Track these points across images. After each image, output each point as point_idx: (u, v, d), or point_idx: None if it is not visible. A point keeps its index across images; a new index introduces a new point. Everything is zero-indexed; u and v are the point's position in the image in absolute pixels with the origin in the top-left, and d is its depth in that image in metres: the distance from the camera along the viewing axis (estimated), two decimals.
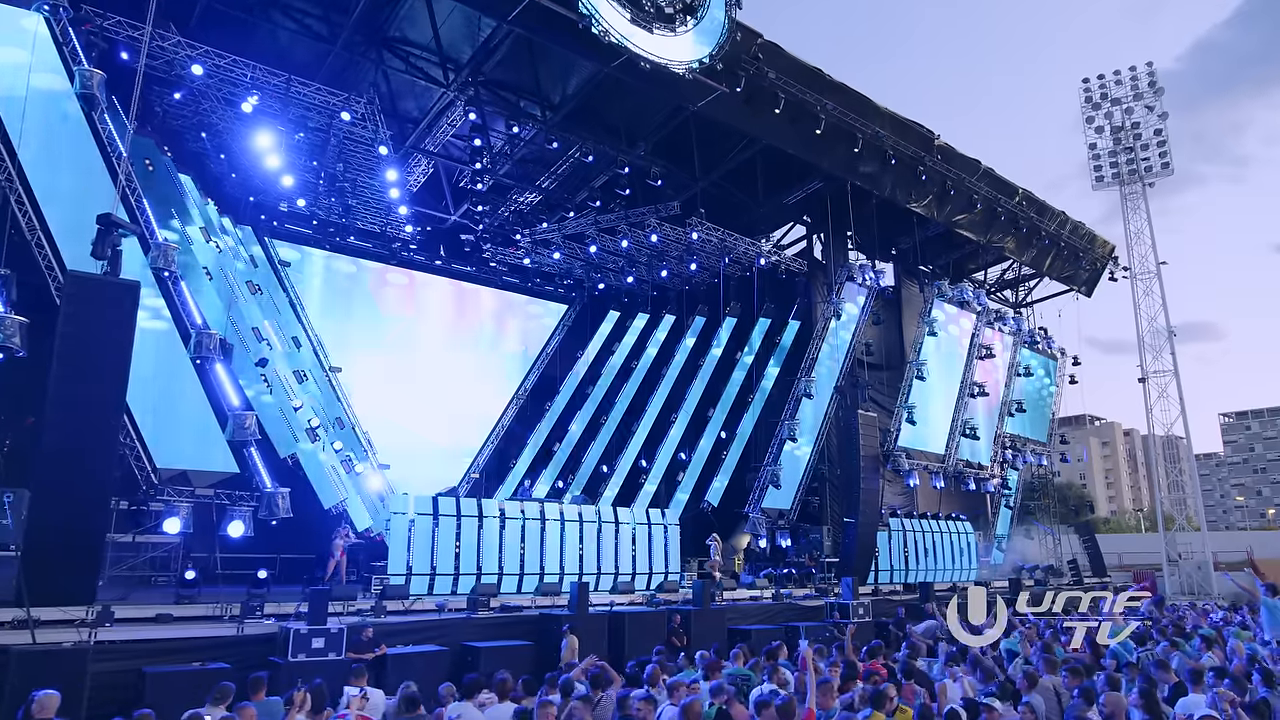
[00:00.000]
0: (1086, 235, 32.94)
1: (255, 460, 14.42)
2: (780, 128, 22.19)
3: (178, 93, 16.65)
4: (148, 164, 15.60)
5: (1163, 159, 38.12)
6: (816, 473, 24.60)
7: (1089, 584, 28.58)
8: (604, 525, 19.20)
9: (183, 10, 16.88)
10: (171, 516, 13.56)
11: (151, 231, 13.90)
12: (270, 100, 17.24)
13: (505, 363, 27.43)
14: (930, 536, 25.77)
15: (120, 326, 12.22)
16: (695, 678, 9.33)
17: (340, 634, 11.69)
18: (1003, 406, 30.78)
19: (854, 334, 26.20)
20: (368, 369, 24.37)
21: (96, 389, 11.88)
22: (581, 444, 25.50)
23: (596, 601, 16.36)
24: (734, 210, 26.39)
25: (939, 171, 25.88)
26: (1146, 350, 36.48)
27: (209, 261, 16.34)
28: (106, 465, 11.95)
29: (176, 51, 16.01)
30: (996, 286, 35.65)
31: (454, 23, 19.20)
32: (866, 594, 21.07)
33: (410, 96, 22.42)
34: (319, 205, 21.63)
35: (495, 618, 14.42)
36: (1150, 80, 38.75)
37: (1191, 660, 8.93)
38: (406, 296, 25.72)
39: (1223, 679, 7.05)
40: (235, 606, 12.49)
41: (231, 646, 11.55)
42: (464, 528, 16.96)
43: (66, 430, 11.49)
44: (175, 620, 12.13)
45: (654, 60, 18.40)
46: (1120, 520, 78.91)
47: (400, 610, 14.21)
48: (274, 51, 18.48)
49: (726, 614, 17.39)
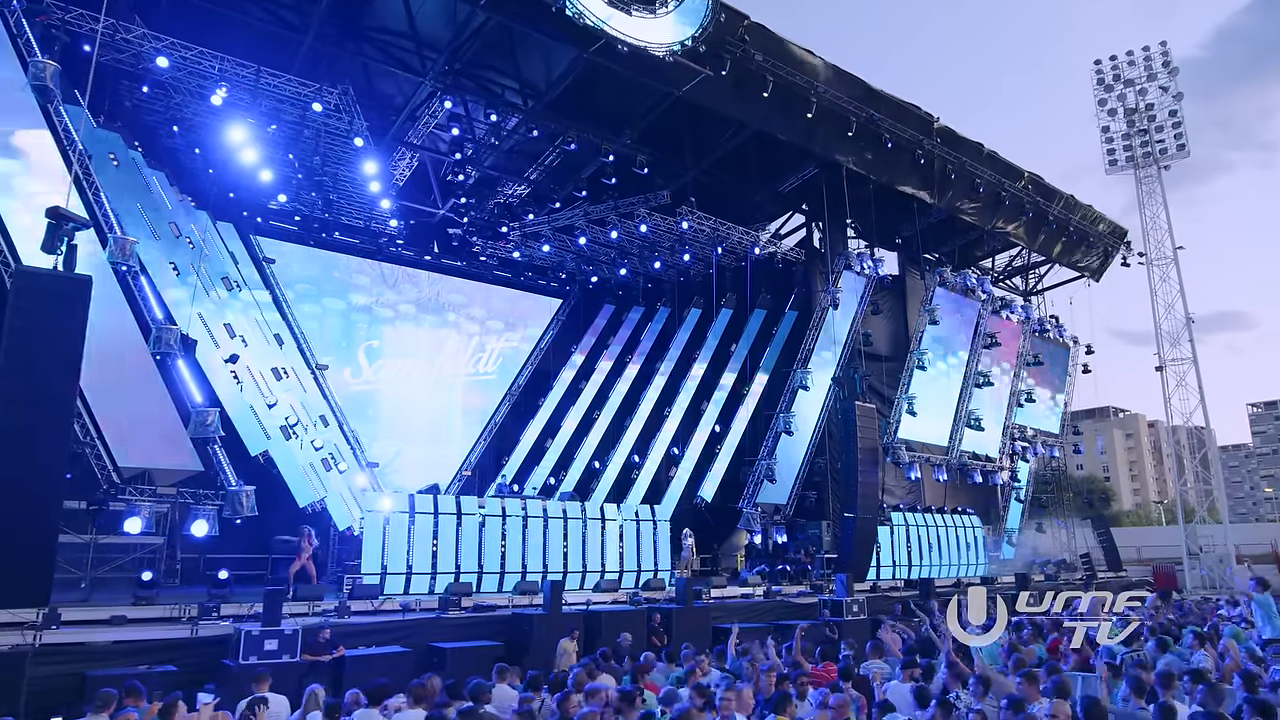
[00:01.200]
0: (1096, 219, 31.94)
1: (220, 458, 14.07)
2: (770, 112, 21.58)
3: (145, 86, 16.35)
4: (112, 159, 15.31)
5: (1178, 141, 37.07)
6: (815, 466, 23.96)
7: (1103, 578, 27.71)
8: (589, 522, 18.77)
9: (151, 2, 16.60)
10: (132, 516, 13.24)
11: (110, 226, 13.57)
12: (240, 92, 16.91)
13: (499, 359, 27.02)
14: (935, 531, 25.06)
15: (71, 321, 11.91)
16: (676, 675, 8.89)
17: (295, 635, 11.33)
18: (1011, 397, 29.92)
19: (853, 324, 25.54)
20: (357, 366, 24.11)
21: (45, 385, 11.53)
22: (575, 440, 25.03)
23: (577, 600, 15.95)
24: (728, 199, 25.80)
25: (939, 155, 25.11)
26: (1164, 338, 35.56)
27: (178, 257, 16.03)
28: (57, 464, 11.61)
29: (141, 44, 15.72)
30: (1005, 274, 34.73)
31: (431, 10, 18.80)
32: (864, 591, 20.48)
33: (394, 87, 22.05)
34: (301, 200, 21.31)
35: (466, 618, 14.02)
36: (1164, 60, 37.66)
37: (1170, 662, 8.30)
38: (395, 292, 25.38)
39: (1199, 683, 6.44)
40: (194, 608, 12.18)
41: (183, 649, 11.23)
42: (441, 526, 16.61)
43: (13, 428, 11.19)
44: (130, 622, 11.85)
45: (632, 43, 17.89)
46: (1143, 513, 77.19)
47: (369, 611, 13.87)
48: (252, 43, 18.13)
49: (712, 612, 16.92)
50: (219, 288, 17.18)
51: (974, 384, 27.15)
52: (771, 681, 6.68)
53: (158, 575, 14.95)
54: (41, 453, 11.46)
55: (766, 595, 18.40)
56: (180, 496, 13.78)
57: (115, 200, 14.87)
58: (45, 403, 11.50)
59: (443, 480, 24.18)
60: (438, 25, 19.06)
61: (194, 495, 14.02)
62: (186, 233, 17.29)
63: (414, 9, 18.70)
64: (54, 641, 10.63)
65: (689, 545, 20.42)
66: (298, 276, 23.23)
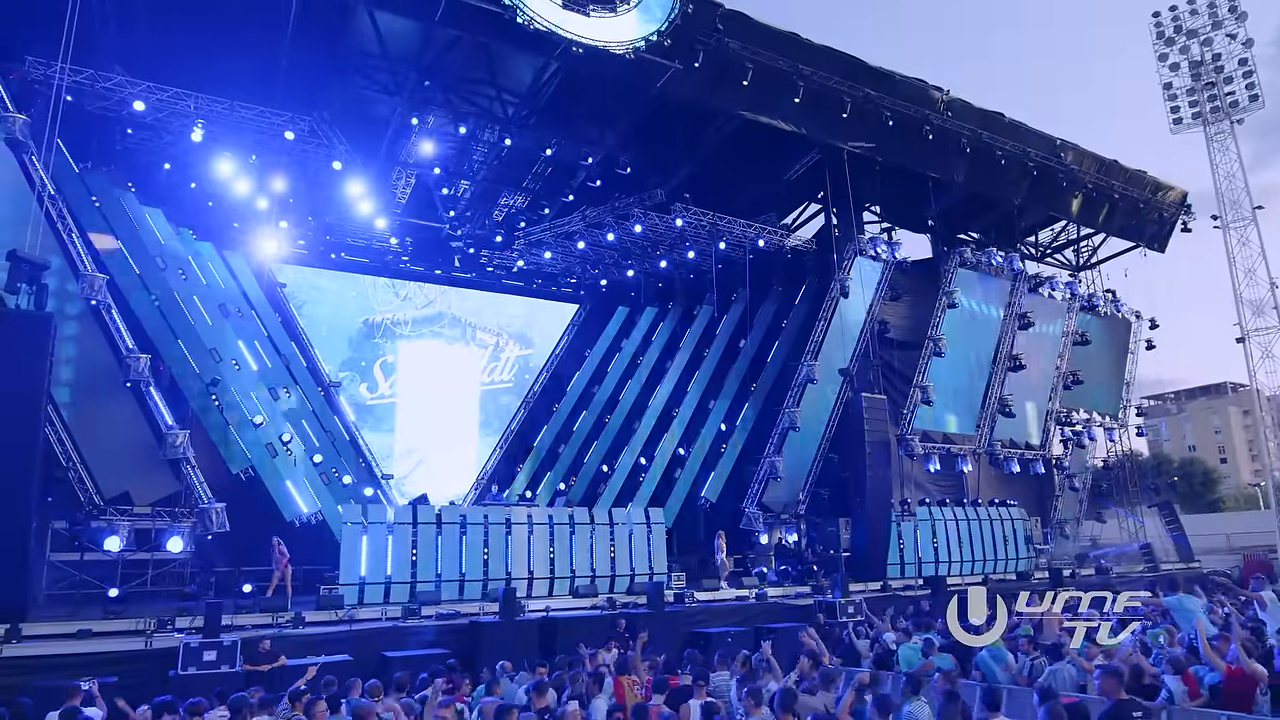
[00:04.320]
0: (1150, 185, 29.60)
1: (194, 477, 14.79)
2: (754, 100, 21.01)
3: (129, 129, 17.37)
4: (94, 201, 16.33)
5: (1250, 91, 34.00)
6: (828, 462, 23.12)
7: (1166, 570, 25.63)
8: (578, 527, 18.71)
9: (132, 48, 17.55)
10: (111, 535, 14.07)
11: (81, 264, 14.49)
12: (219, 127, 17.73)
13: (514, 367, 27.38)
14: (966, 525, 23.79)
15: (34, 355, 12.84)
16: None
17: (234, 646, 11.76)
18: (1057, 379, 28.06)
19: (868, 312, 24.51)
20: (374, 381, 24.94)
21: (14, 415, 12.50)
22: (586, 445, 25.05)
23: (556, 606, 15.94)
24: (732, 192, 25.27)
25: (949, 130, 23.84)
26: (1246, 306, 32.68)
27: (164, 289, 16.94)
28: (25, 488, 12.52)
29: (121, 90, 16.71)
30: (1052, 249, 32.62)
31: (399, 30, 19.15)
32: (874, 590, 19.64)
33: (388, 108, 22.61)
34: (301, 224, 22.13)
35: (422, 625, 14.19)
36: (1230, 5, 34.62)
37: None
38: (409, 306, 26.09)
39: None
40: (154, 621, 12.81)
41: (134, 661, 11.85)
42: (421, 535, 16.92)
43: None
44: (95, 635, 12.55)
45: (588, 44, 17.77)
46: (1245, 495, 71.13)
47: (331, 620, 14.21)
48: (239, 76, 18.90)
49: (694, 616, 16.59)
50: (207, 315, 18.04)
51: (1006, 368, 25.57)
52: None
53: (193, 588, 15.91)
54: (9, 480, 12.40)
55: (759, 599, 17.86)
56: (157, 515, 14.55)
57: (96, 239, 15.85)
58: (11, 433, 12.42)
59: (461, 490, 24.70)
60: (406, 45, 19.44)
61: (170, 514, 14.79)
62: (180, 265, 18.24)
63: (383, 31, 19.11)
64: (14, 655, 11.38)
65: (720, 546, 19.89)
66: (312, 297, 24.24)
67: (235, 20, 17.45)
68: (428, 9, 17.03)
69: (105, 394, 14.69)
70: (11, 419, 12.35)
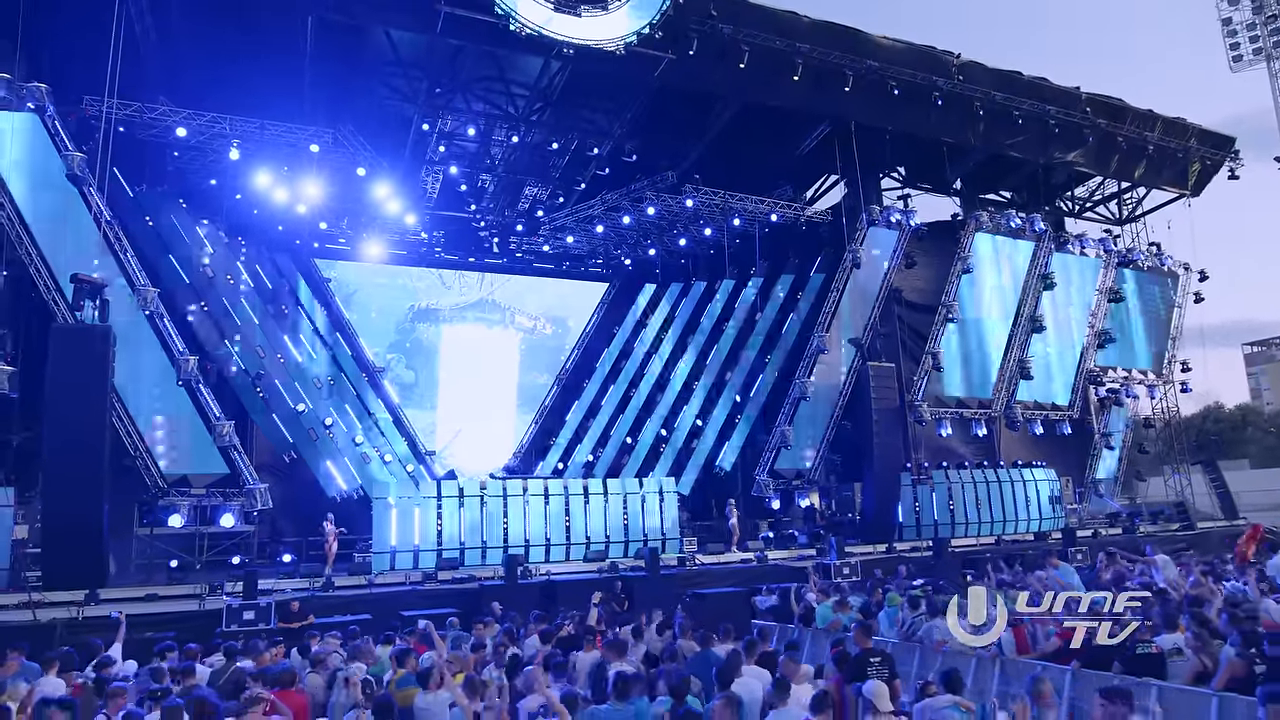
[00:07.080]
0: (1193, 133, 28.50)
1: (240, 461, 16.91)
2: (752, 81, 21.57)
3: (176, 151, 19.44)
4: (148, 220, 18.48)
5: None
6: (841, 429, 23.81)
7: (1202, 529, 25.36)
8: (592, 497, 20.17)
9: (174, 79, 19.55)
10: (174, 513, 16.34)
11: (136, 279, 16.63)
12: (252, 144, 19.59)
13: (549, 346, 28.94)
14: (987, 488, 24.15)
15: (97, 362, 15.02)
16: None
17: (269, 607, 13.74)
18: (1091, 337, 27.70)
19: (884, 279, 24.87)
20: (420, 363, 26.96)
21: (82, 415, 14.74)
22: (614, 419, 26.44)
23: (559, 571, 17.48)
24: (745, 169, 25.80)
25: (960, 94, 23.73)
26: None
27: (210, 295, 19.09)
28: (96, 474, 14.78)
29: (165, 119, 18.73)
30: (1091, 203, 31.78)
31: (409, 40, 20.54)
32: (880, 553, 20.41)
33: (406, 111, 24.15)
34: (341, 224, 24.05)
35: (438, 589, 15.95)
36: None
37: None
38: (451, 292, 27.93)
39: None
40: (206, 586, 14.97)
41: (189, 620, 13.97)
42: (445, 508, 18.71)
43: (62, 448, 14.47)
44: (160, 599, 14.80)
45: (576, 43, 18.75)
46: None
47: (359, 585, 16.12)
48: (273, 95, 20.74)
49: (693, 578, 17.83)
50: (253, 314, 20.16)
51: (1027, 330, 25.50)
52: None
53: (243, 558, 18.28)
54: (84, 467, 14.68)
55: (760, 561, 18.97)
56: (211, 495, 16.78)
57: (153, 255, 18.03)
58: (83, 428, 14.68)
59: (498, 462, 26.56)
60: (419, 54, 20.83)
61: (222, 494, 16.99)
62: (229, 269, 20.38)
63: (397, 43, 20.56)
64: (91, 615, 13.64)
65: (733, 513, 21.08)
66: (364, 285, 26.34)
67: (259, 45, 19.24)
68: (428, 24, 18.34)
69: (163, 391, 16.88)
70: (81, 417, 14.57)
